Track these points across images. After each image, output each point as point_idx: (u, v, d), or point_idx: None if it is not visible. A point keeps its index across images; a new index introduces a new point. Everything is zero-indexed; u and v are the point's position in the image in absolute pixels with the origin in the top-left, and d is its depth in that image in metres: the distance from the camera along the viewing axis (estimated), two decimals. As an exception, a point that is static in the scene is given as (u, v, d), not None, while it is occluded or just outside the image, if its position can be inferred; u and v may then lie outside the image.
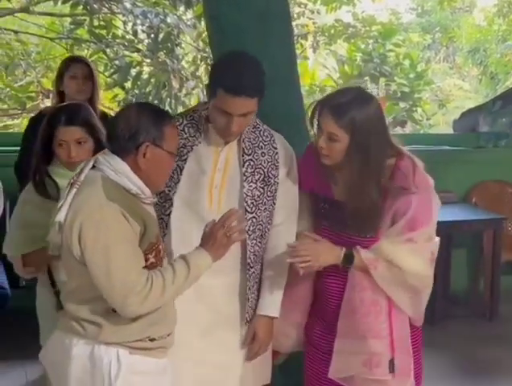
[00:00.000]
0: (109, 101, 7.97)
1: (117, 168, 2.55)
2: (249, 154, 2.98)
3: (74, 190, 2.55)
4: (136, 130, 2.55)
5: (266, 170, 3.00)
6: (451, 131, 7.57)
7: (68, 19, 7.94)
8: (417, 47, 11.09)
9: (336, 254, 2.88)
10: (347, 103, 2.75)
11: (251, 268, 3.00)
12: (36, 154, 3.20)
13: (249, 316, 3.04)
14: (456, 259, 6.25)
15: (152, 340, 2.61)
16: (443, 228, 5.67)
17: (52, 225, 2.58)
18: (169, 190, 2.91)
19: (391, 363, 2.90)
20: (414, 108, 9.24)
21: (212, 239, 2.65)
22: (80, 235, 2.47)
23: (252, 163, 2.98)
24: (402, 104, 9.01)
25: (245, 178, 2.96)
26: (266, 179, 2.99)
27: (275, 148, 3.04)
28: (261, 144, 3.02)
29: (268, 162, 3.01)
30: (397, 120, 8.76)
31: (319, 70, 10.30)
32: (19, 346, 4.89)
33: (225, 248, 2.68)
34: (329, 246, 2.91)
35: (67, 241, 2.52)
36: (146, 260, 2.55)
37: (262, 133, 3.04)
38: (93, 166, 2.61)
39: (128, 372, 2.55)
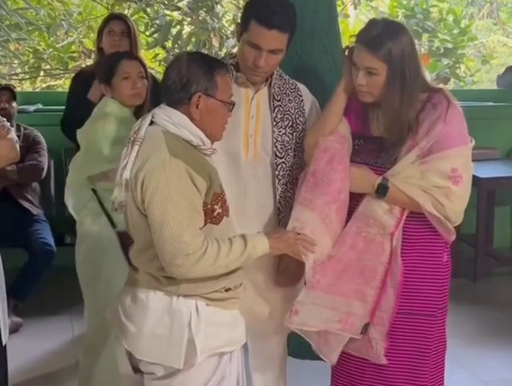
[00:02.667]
0: (149, 61, 7.97)
1: (176, 121, 2.55)
2: (279, 100, 3.05)
3: (136, 147, 2.55)
4: (187, 81, 2.54)
5: (293, 116, 3.07)
6: (495, 88, 7.47)
7: (109, -22, 7.93)
8: (460, 3, 10.88)
9: (371, 181, 2.80)
10: (380, 34, 2.76)
11: (281, 213, 3.06)
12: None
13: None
14: (499, 216, 6.22)
15: (227, 290, 2.60)
16: (487, 185, 5.72)
17: (118, 184, 2.59)
18: None
19: (365, 326, 2.82)
20: (457, 65, 9.09)
21: (281, 233, 2.70)
22: (142, 188, 2.47)
23: (281, 109, 3.05)
24: (444, 61, 8.86)
25: (275, 123, 3.02)
26: (294, 126, 3.07)
27: (300, 95, 3.12)
28: (287, 91, 3.09)
29: (295, 108, 3.08)
30: (440, 77, 8.63)
31: (360, 27, 10.16)
32: (65, 302, 4.99)
33: (285, 246, 2.69)
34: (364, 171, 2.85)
35: (132, 197, 2.53)
36: (213, 211, 2.54)
37: (287, 81, 3.12)
38: (151, 122, 2.60)
39: (206, 324, 2.54)
